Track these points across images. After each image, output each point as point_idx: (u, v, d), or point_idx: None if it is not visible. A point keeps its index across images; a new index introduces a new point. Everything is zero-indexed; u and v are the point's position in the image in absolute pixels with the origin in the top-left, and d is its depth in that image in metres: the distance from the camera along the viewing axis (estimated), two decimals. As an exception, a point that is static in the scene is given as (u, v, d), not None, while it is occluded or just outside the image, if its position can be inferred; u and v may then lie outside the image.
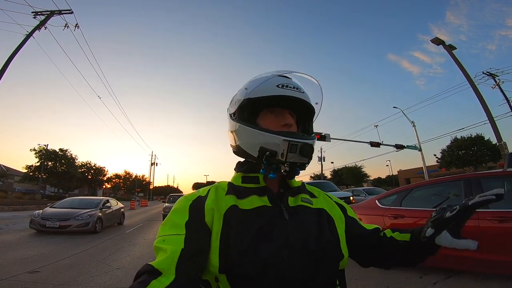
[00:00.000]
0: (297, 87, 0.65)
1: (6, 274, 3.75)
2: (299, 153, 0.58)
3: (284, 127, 0.63)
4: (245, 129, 0.64)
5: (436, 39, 14.32)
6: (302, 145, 0.58)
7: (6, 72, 12.13)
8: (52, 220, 7.59)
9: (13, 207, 16.77)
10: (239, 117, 0.67)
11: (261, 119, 0.66)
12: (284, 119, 0.64)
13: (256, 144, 0.62)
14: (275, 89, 0.63)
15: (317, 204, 0.67)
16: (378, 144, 18.29)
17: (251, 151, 0.63)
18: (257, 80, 0.67)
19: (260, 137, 0.61)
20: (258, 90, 0.64)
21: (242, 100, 0.66)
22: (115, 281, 3.63)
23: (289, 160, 0.57)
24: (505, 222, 2.71)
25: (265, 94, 0.63)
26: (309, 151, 0.59)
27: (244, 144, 0.65)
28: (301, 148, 0.58)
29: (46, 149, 30.10)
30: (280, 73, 0.68)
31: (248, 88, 0.66)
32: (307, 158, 0.59)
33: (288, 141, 0.57)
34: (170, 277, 0.47)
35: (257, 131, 0.62)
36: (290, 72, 0.69)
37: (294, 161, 0.58)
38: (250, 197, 0.62)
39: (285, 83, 0.64)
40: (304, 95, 0.65)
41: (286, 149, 0.57)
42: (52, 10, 13.23)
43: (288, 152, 0.57)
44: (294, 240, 0.57)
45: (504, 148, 12.45)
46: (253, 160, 0.64)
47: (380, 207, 3.97)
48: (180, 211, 0.59)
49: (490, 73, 15.16)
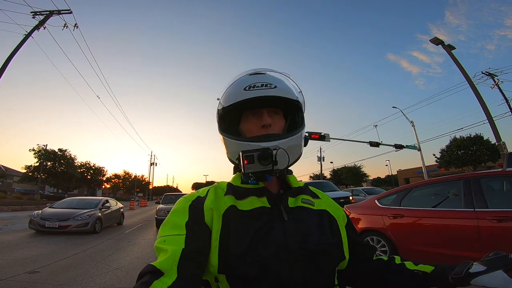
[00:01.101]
0: (267, 84, 0.62)
1: (5, 274, 3.74)
2: (258, 162, 0.56)
3: (263, 128, 0.63)
4: (226, 140, 0.66)
5: (435, 39, 14.34)
6: (260, 153, 0.56)
7: (5, 72, 12.12)
8: (52, 220, 7.58)
9: (12, 207, 16.72)
10: (220, 127, 0.68)
11: (243, 124, 0.66)
12: (261, 120, 0.63)
13: (236, 152, 0.61)
14: (242, 92, 0.62)
15: (319, 206, 0.67)
16: (377, 144, 18.30)
17: (235, 160, 0.65)
18: (226, 86, 0.67)
19: (238, 146, 0.62)
20: (227, 97, 0.65)
21: (218, 111, 0.67)
22: (115, 281, 3.62)
23: (247, 171, 0.56)
24: (504, 221, 2.71)
25: (233, 101, 0.63)
26: (269, 157, 0.56)
27: (229, 153, 0.67)
28: (259, 157, 0.55)
29: (45, 149, 30.03)
30: (250, 72, 0.68)
31: (220, 98, 0.67)
32: (269, 164, 0.56)
33: (242, 151, 0.57)
34: (172, 277, 0.47)
35: (234, 141, 0.63)
36: (256, 71, 0.69)
37: (255, 171, 0.56)
38: (249, 198, 0.62)
39: (252, 83, 0.63)
40: (275, 91, 0.62)
41: (242, 161, 0.56)
42: (51, 10, 13.22)
43: (246, 164, 0.56)
44: (293, 241, 0.56)
45: (503, 147, 12.47)
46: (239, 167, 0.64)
47: (380, 206, 3.97)
48: (180, 212, 0.60)
49: (489, 73, 15.18)
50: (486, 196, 2.96)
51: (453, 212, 3.11)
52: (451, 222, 3.11)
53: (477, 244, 2.83)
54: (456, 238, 2.98)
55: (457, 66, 13.93)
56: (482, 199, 2.95)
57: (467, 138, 26.15)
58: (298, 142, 0.64)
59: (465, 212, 3.00)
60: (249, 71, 0.68)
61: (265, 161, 0.56)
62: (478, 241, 2.82)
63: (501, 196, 3.14)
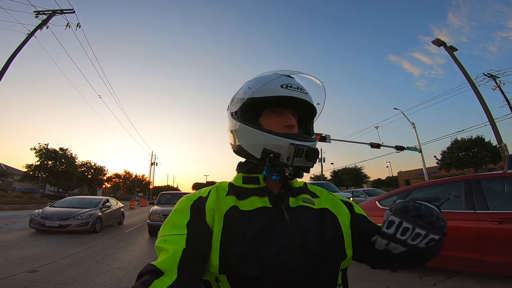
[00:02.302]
0: (301, 88, 0.64)
1: (5, 273, 3.74)
2: (305, 157, 0.57)
3: (286, 128, 0.63)
4: (247, 129, 0.63)
5: (437, 40, 14.32)
6: (308, 149, 0.57)
7: (7, 71, 12.17)
8: (52, 220, 7.59)
9: (12, 206, 16.76)
10: (241, 116, 0.66)
11: (264, 119, 0.65)
12: (287, 120, 0.64)
13: (259, 145, 0.61)
14: (279, 89, 0.62)
15: (319, 204, 0.67)
16: (378, 145, 18.29)
17: (254, 152, 0.63)
18: (261, 79, 0.66)
19: (263, 138, 0.60)
20: (262, 89, 0.63)
21: (245, 99, 0.64)
22: (115, 281, 3.63)
23: (295, 164, 0.57)
24: (504, 223, 2.71)
25: (269, 94, 0.62)
26: (315, 155, 0.58)
27: (245, 144, 0.64)
28: (307, 153, 0.57)
29: (46, 148, 30.15)
30: (283, 72, 0.67)
31: (251, 87, 0.65)
32: (312, 162, 0.58)
33: (295, 145, 0.57)
34: (172, 277, 0.47)
35: (260, 132, 0.61)
36: (294, 73, 0.68)
37: (300, 165, 0.58)
38: (250, 198, 0.61)
39: (289, 83, 0.63)
40: (307, 96, 0.64)
41: (293, 153, 0.56)
42: (54, 10, 13.29)
43: (294, 157, 0.57)
44: (295, 241, 0.56)
45: (504, 150, 12.45)
46: (255, 161, 0.64)
47: (381, 208, 3.97)
48: (181, 212, 0.59)
49: (491, 74, 15.15)
50: (487, 198, 2.96)
51: (454, 213, 3.11)
52: (452, 224, 3.09)
53: (478, 245, 2.82)
54: (457, 239, 2.97)
55: (458, 68, 13.91)
56: (483, 201, 2.95)
57: (468, 140, 26.14)
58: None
59: (466, 214, 2.99)
60: (281, 71, 0.68)
61: (311, 158, 0.57)
62: (478, 242, 2.82)
63: (502, 198, 3.14)
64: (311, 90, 0.68)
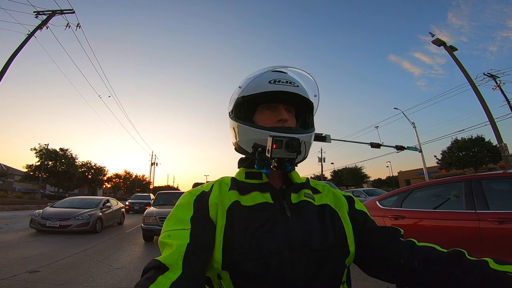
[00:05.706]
0: (291, 81, 0.65)
1: (6, 273, 3.75)
2: (285, 148, 0.56)
3: (279, 122, 0.64)
4: (241, 127, 0.66)
5: (437, 40, 14.31)
6: (288, 140, 0.56)
7: (7, 71, 12.17)
8: (52, 220, 7.59)
9: (13, 207, 16.76)
10: (236, 115, 0.68)
11: (258, 116, 0.67)
12: (279, 115, 0.64)
13: (251, 141, 0.63)
14: (267, 85, 0.63)
15: (320, 200, 0.66)
16: (378, 145, 18.28)
17: (246, 147, 0.65)
18: (251, 77, 0.68)
19: (254, 134, 0.62)
20: (250, 87, 0.65)
21: (237, 99, 0.67)
22: (116, 281, 3.63)
23: (274, 155, 0.57)
24: (505, 223, 2.70)
25: (257, 91, 0.64)
26: (296, 146, 0.57)
27: (241, 141, 0.66)
28: (287, 143, 0.56)
29: (47, 148, 30.16)
30: (274, 68, 0.69)
31: (242, 86, 0.67)
32: (294, 153, 0.57)
33: (272, 136, 0.57)
34: (177, 272, 0.46)
35: (250, 128, 0.63)
36: (284, 67, 0.70)
37: (281, 157, 0.57)
38: (252, 193, 0.62)
39: (277, 78, 0.64)
40: (298, 89, 0.65)
41: (270, 145, 0.57)
42: (54, 10, 13.29)
43: (274, 148, 0.56)
44: (296, 238, 0.56)
45: (504, 149, 12.43)
46: (249, 156, 0.66)
47: (381, 208, 3.97)
48: (184, 206, 0.59)
49: (491, 74, 15.13)
50: (487, 198, 2.95)
51: (454, 213, 3.10)
52: (452, 224, 3.10)
53: (478, 245, 2.82)
54: (457, 239, 2.97)
55: (459, 68, 13.90)
56: (483, 200, 2.95)
57: (468, 139, 26.11)
58: (310, 141, 0.66)
59: (466, 214, 2.99)
60: (272, 67, 0.69)
61: (292, 149, 0.57)
62: (479, 243, 2.82)
63: (502, 197, 3.13)
64: (307, 84, 0.69)
